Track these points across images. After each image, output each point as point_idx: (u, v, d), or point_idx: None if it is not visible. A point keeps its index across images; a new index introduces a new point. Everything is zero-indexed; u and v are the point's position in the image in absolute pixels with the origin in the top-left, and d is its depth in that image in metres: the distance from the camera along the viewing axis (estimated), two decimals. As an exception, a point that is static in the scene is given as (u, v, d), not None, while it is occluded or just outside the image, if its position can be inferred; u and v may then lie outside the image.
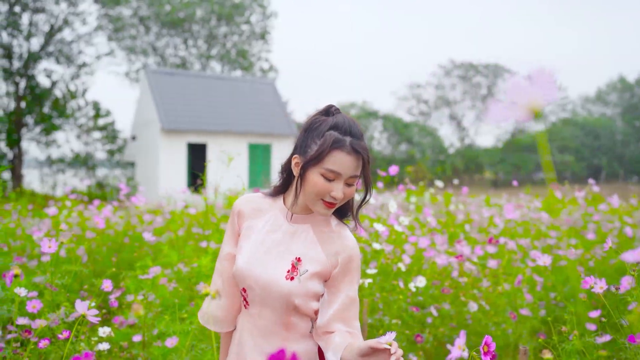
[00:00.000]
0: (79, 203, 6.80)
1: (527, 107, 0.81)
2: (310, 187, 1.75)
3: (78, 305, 1.54)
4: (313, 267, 1.82)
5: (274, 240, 1.86)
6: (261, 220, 1.91)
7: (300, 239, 1.86)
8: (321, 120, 1.80)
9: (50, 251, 2.44)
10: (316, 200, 1.78)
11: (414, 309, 3.59)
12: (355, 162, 1.74)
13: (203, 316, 2.00)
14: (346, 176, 1.74)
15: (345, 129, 1.75)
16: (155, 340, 2.99)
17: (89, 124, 29.76)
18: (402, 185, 4.84)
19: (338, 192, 1.74)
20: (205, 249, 3.86)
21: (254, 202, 1.96)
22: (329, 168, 1.72)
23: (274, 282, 1.79)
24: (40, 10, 26.57)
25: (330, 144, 1.71)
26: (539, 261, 2.63)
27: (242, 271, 1.83)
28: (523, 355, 2.20)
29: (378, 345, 1.56)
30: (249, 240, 1.88)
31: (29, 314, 2.71)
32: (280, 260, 1.82)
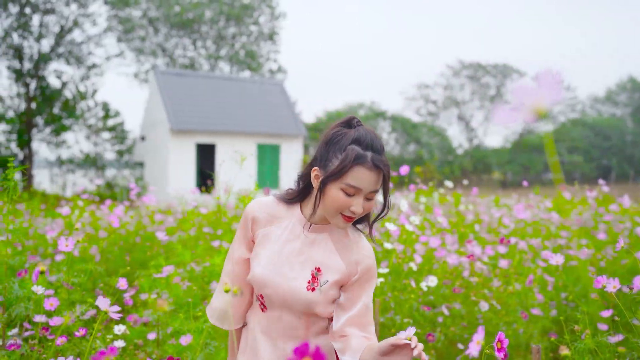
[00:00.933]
0: (91, 203, 6.85)
1: (533, 108, 0.83)
2: (330, 202, 1.75)
3: (100, 301, 1.57)
4: (332, 277, 1.84)
5: (293, 250, 1.86)
6: (278, 227, 1.90)
7: (319, 248, 1.87)
8: (343, 133, 1.78)
9: (67, 249, 2.47)
10: (335, 215, 1.77)
11: (425, 308, 3.61)
12: (375, 177, 1.74)
13: (213, 314, 2.01)
14: (366, 191, 1.74)
15: (367, 144, 1.73)
16: (169, 338, 3.02)
17: (99, 124, 29.93)
18: (413, 185, 4.84)
19: (358, 207, 1.74)
20: (218, 249, 3.89)
21: (268, 207, 1.93)
22: (349, 183, 1.71)
23: (295, 292, 1.81)
24: (51, 12, 26.73)
25: (352, 160, 1.70)
26: (552, 261, 2.65)
27: (262, 280, 1.84)
28: (536, 353, 2.21)
29: (398, 341, 1.58)
30: (266, 248, 1.88)
31: (47, 312, 2.74)
32: (301, 270, 1.83)
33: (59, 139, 28.40)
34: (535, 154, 49.88)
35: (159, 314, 3.06)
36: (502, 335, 1.51)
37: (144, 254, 5.28)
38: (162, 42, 36.83)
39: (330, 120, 44.58)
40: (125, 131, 30.56)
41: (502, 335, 1.51)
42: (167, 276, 3.11)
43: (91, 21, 28.49)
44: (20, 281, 2.86)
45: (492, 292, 3.84)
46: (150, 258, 4.89)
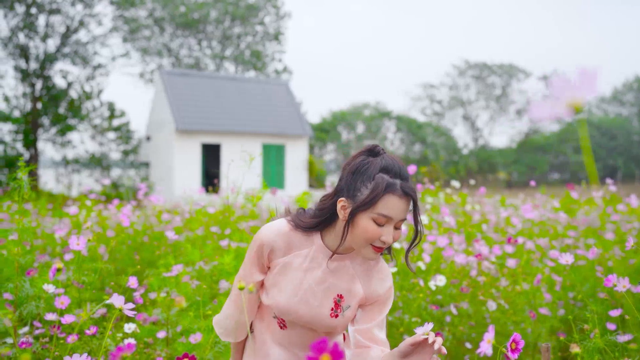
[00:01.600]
0: (98, 203, 6.88)
1: (569, 103, 0.84)
2: (361, 232, 1.72)
3: (114, 299, 1.58)
4: (354, 301, 1.87)
5: (315, 279, 1.85)
6: (298, 256, 1.87)
7: (341, 275, 1.87)
8: (369, 162, 1.75)
9: (78, 248, 2.49)
10: (365, 246, 1.75)
11: (433, 308, 3.62)
12: (405, 205, 1.72)
13: (218, 328, 2.03)
14: (397, 220, 1.72)
15: (395, 172, 1.71)
16: (179, 337, 3.04)
17: (104, 124, 29.99)
18: (421, 185, 4.85)
19: (388, 237, 1.71)
20: (227, 248, 3.90)
21: (286, 236, 1.87)
22: (381, 213, 1.69)
23: (318, 319, 1.83)
24: (57, 12, 26.81)
25: (384, 189, 1.68)
26: (561, 260, 2.65)
27: (284, 309, 1.84)
28: (545, 352, 2.22)
29: (417, 339, 1.60)
30: (288, 276, 1.86)
31: (57, 310, 2.75)
32: (323, 299, 1.84)
33: (65, 139, 28.47)
34: (541, 154, 49.79)
35: (168, 313, 3.07)
36: (518, 336, 1.51)
37: (152, 253, 5.30)
38: (167, 42, 36.90)
39: (335, 120, 44.60)
40: (131, 131, 30.61)
41: (518, 336, 1.51)
42: (176, 275, 3.12)
43: (97, 21, 28.57)
44: (31, 280, 2.88)
45: (500, 291, 3.85)
46: (158, 257, 4.91)
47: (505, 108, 53.77)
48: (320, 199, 1.90)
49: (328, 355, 0.92)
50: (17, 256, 3.04)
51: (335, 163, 44.86)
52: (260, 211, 6.61)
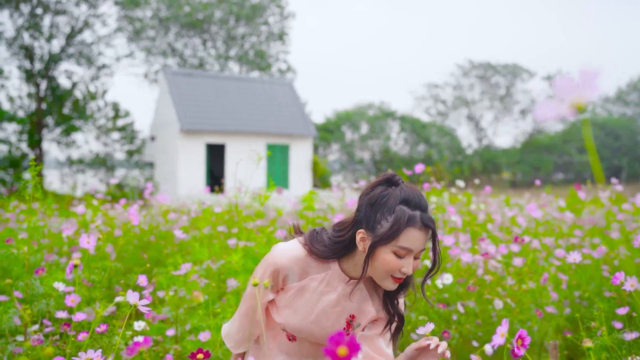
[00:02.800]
0: (105, 202, 6.91)
1: (573, 103, 0.86)
2: (381, 264, 1.73)
3: (129, 295, 1.60)
4: (365, 320, 1.90)
5: (330, 302, 1.87)
6: (312, 280, 1.88)
7: (354, 296, 1.89)
8: (387, 193, 1.75)
9: (88, 247, 2.52)
10: (385, 277, 1.76)
11: (440, 306, 3.63)
12: (425, 236, 1.74)
13: (228, 341, 2.06)
14: (416, 251, 1.74)
15: (415, 203, 1.72)
16: (188, 335, 3.06)
17: (108, 124, 30.06)
18: (428, 184, 4.85)
19: (408, 269, 1.73)
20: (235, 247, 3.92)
21: (301, 262, 1.88)
22: (402, 246, 1.70)
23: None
24: (61, 12, 26.90)
25: (405, 223, 1.69)
26: (569, 258, 2.66)
27: (296, 329, 1.87)
28: (553, 349, 2.23)
29: (421, 344, 1.62)
30: (302, 299, 1.88)
31: (68, 308, 2.78)
32: (336, 320, 1.88)
33: (69, 139, 28.56)
34: (545, 154, 49.70)
35: (177, 311, 3.10)
36: (524, 332, 1.52)
37: (159, 252, 5.32)
38: (172, 42, 36.96)
39: (340, 120, 44.58)
40: (135, 131, 30.68)
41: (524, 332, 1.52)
42: (185, 274, 3.14)
43: (101, 22, 28.65)
44: (41, 278, 2.90)
45: (506, 290, 3.86)
46: (166, 256, 4.93)
47: (510, 108, 53.68)
48: (335, 226, 1.89)
49: (345, 347, 0.94)
50: (27, 255, 3.07)
51: (340, 163, 44.85)
52: (267, 210, 6.63)
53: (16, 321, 2.81)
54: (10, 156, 25.10)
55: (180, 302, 3.13)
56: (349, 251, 1.85)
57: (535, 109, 0.89)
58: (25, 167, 23.52)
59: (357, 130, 45.42)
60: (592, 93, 0.86)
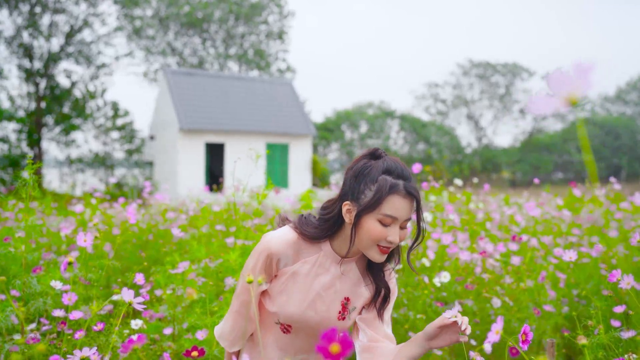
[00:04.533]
0: (103, 201, 6.91)
1: (567, 97, 0.86)
2: (366, 234, 1.74)
3: (125, 293, 1.60)
4: (359, 302, 1.90)
5: (324, 284, 1.87)
6: (305, 263, 1.88)
7: (348, 278, 1.90)
8: (370, 164, 1.77)
9: (85, 245, 2.51)
10: (371, 247, 1.76)
11: (438, 305, 3.63)
12: (410, 205, 1.74)
13: (222, 340, 2.04)
14: (402, 219, 1.74)
15: (398, 173, 1.74)
16: (185, 333, 3.05)
17: (108, 124, 30.07)
18: (426, 183, 4.86)
19: (394, 237, 1.73)
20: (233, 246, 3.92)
21: (294, 245, 1.88)
22: (386, 213, 1.71)
23: (327, 323, 1.87)
24: (61, 11, 26.90)
25: (388, 190, 1.70)
26: (565, 257, 2.66)
27: (294, 316, 1.86)
28: (550, 347, 2.23)
29: (445, 321, 1.62)
30: (297, 283, 1.87)
31: (65, 306, 2.78)
32: (331, 303, 1.87)
33: (69, 138, 28.58)
34: (545, 153, 49.72)
35: (175, 310, 3.09)
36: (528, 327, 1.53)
37: (157, 251, 5.32)
38: (171, 41, 36.96)
39: (339, 119, 44.60)
40: (135, 130, 30.70)
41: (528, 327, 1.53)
42: (182, 272, 3.14)
43: (101, 20, 28.65)
44: (38, 277, 2.90)
45: (504, 288, 3.86)
46: (164, 255, 4.93)
47: (509, 107, 53.72)
48: (322, 205, 1.91)
49: (337, 344, 0.93)
50: (25, 253, 3.07)
51: (339, 162, 44.87)
52: (266, 209, 6.63)
53: (13, 320, 2.81)
54: (10, 155, 25.10)
55: (178, 301, 3.13)
56: (338, 228, 1.86)
57: (529, 103, 0.89)
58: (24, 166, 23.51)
59: (356, 129, 45.46)
60: (586, 87, 0.86)
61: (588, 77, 0.85)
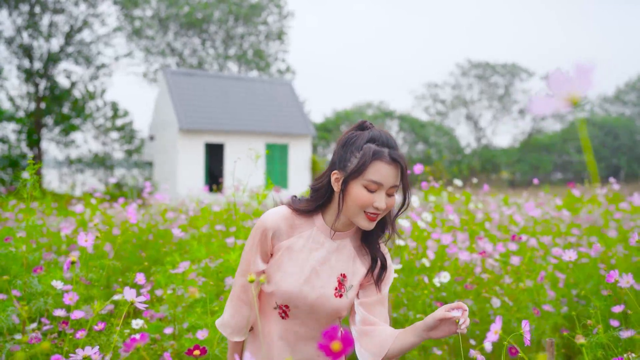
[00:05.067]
0: (103, 201, 6.92)
1: (567, 97, 0.87)
2: (353, 200, 1.77)
3: (127, 292, 1.61)
4: (356, 280, 1.91)
5: (318, 259, 1.88)
6: (300, 237, 1.91)
7: (342, 254, 1.91)
8: (357, 134, 1.82)
9: (86, 245, 2.52)
10: (358, 213, 1.79)
11: (438, 304, 3.64)
12: (395, 172, 1.77)
13: (223, 328, 2.04)
14: (387, 186, 1.77)
15: (382, 141, 1.78)
16: (185, 333, 3.06)
17: (107, 124, 30.08)
18: (426, 183, 4.87)
19: (381, 203, 1.76)
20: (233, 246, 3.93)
21: (288, 219, 1.92)
22: (370, 179, 1.74)
23: (324, 300, 1.86)
24: (60, 12, 26.90)
25: (371, 156, 1.74)
26: (564, 257, 2.67)
27: (290, 293, 1.86)
28: (550, 347, 2.24)
29: (445, 315, 1.63)
30: (292, 259, 1.88)
31: (66, 306, 2.79)
32: (327, 279, 1.88)
33: (68, 139, 28.59)
34: (544, 154, 49.73)
35: (175, 309, 3.10)
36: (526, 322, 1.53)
37: (157, 251, 5.33)
38: (171, 41, 36.97)
39: (339, 119, 44.63)
40: (134, 131, 30.72)
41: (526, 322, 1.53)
42: (183, 272, 3.15)
43: (100, 21, 28.65)
44: (39, 277, 2.91)
45: (504, 288, 3.87)
46: (164, 255, 4.94)
47: (508, 108, 53.74)
48: (313, 180, 1.95)
49: (339, 342, 0.94)
50: (26, 253, 3.08)
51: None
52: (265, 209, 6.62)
53: (14, 319, 2.82)
54: (10, 155, 25.10)
55: (178, 301, 3.14)
56: (329, 200, 1.90)
57: (530, 103, 0.90)
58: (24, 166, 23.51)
59: (356, 129, 45.38)
60: (587, 87, 0.87)
61: (589, 77, 0.86)
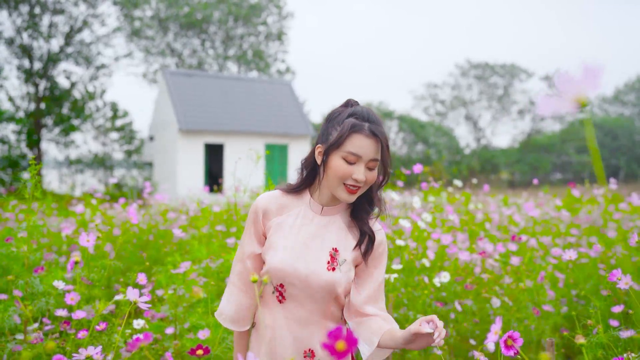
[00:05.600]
0: (104, 202, 6.93)
1: (575, 98, 0.88)
2: (333, 172, 1.82)
3: (129, 292, 1.62)
4: (348, 254, 1.90)
5: (309, 233, 1.91)
6: (289, 215, 1.95)
7: (333, 229, 1.93)
8: (340, 110, 1.89)
9: (88, 245, 2.53)
10: (338, 185, 1.83)
11: (438, 304, 3.65)
12: (374, 146, 1.81)
13: (225, 318, 2.04)
14: (366, 159, 1.80)
15: (363, 116, 1.83)
16: (187, 333, 3.07)
17: (107, 124, 30.08)
18: (426, 183, 4.89)
19: (359, 175, 1.79)
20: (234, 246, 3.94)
21: (277, 199, 1.98)
22: (349, 151, 1.78)
23: (317, 275, 1.85)
24: (60, 12, 26.89)
25: (349, 128, 1.79)
26: (565, 256, 2.68)
27: (283, 268, 1.86)
28: (550, 347, 2.25)
29: (421, 331, 1.63)
30: (282, 236, 1.91)
31: (68, 306, 2.80)
32: (319, 252, 1.88)
33: (68, 139, 28.58)
34: (544, 154, 49.73)
35: (177, 309, 3.11)
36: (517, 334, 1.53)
37: (157, 251, 5.34)
38: (170, 42, 36.97)
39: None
40: (134, 131, 30.72)
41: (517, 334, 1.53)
42: (184, 272, 3.16)
43: (100, 21, 28.66)
44: (40, 277, 2.92)
45: (504, 288, 3.88)
46: (164, 255, 4.95)
47: (508, 108, 53.77)
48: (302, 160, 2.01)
49: (343, 341, 0.95)
50: (27, 253, 3.09)
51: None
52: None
53: (16, 319, 2.82)
54: (9, 156, 25.09)
55: (180, 301, 3.15)
56: (315, 178, 1.97)
57: (537, 104, 0.91)
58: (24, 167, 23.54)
59: (355, 130, 45.41)
60: (594, 88, 0.88)
61: (596, 78, 0.87)
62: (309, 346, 1.91)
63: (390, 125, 48.03)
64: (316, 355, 1.90)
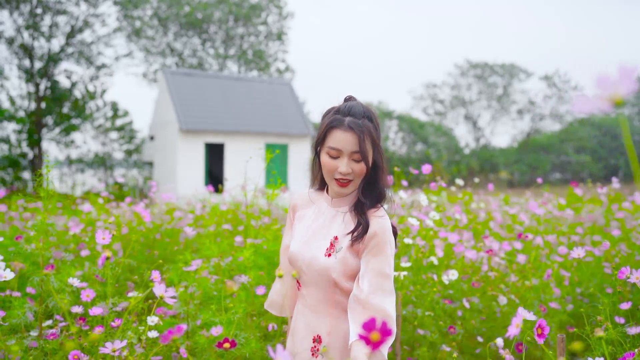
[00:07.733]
0: (110, 201, 6.96)
1: (610, 97, 0.92)
2: (323, 167, 1.96)
3: (156, 288, 1.66)
4: (346, 243, 1.97)
5: (319, 225, 2.04)
6: (311, 209, 2.11)
7: (339, 220, 2.02)
8: (331, 108, 2.00)
9: (104, 243, 2.56)
10: (331, 179, 1.96)
11: (446, 302, 3.69)
12: (352, 138, 1.89)
13: (270, 305, 2.26)
14: (347, 152, 1.89)
15: (345, 111, 1.92)
16: (199, 330, 3.10)
17: (107, 124, 30.09)
18: (434, 183, 4.91)
19: (343, 168, 1.89)
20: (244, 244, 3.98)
21: (306, 195, 2.16)
22: (330, 146, 1.90)
23: (315, 259, 1.96)
24: (61, 12, 26.90)
25: (328, 124, 1.91)
26: (573, 254, 2.72)
27: (294, 254, 2.02)
28: (560, 342, 2.29)
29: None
30: (301, 227, 2.08)
31: (83, 303, 2.83)
32: (323, 240, 1.99)
33: (68, 139, 28.58)
34: (543, 154, 49.76)
35: (188, 306, 3.15)
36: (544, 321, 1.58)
37: (165, 250, 5.37)
38: (171, 42, 36.96)
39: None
40: (134, 131, 30.73)
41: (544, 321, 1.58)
42: (195, 270, 3.19)
43: (101, 21, 28.67)
44: (55, 274, 2.95)
45: (510, 286, 3.92)
46: (172, 254, 4.98)
47: (507, 108, 53.76)
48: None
49: (377, 332, 0.99)
50: (41, 251, 3.13)
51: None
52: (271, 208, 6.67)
53: (29, 316, 2.86)
54: (10, 156, 25.10)
55: (191, 298, 3.18)
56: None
57: (574, 102, 0.95)
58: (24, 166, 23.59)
59: (355, 129, 45.37)
60: (630, 88, 0.92)
61: (631, 78, 0.92)
62: (317, 332, 2.00)
63: (389, 125, 48.04)
64: (323, 341, 1.99)
